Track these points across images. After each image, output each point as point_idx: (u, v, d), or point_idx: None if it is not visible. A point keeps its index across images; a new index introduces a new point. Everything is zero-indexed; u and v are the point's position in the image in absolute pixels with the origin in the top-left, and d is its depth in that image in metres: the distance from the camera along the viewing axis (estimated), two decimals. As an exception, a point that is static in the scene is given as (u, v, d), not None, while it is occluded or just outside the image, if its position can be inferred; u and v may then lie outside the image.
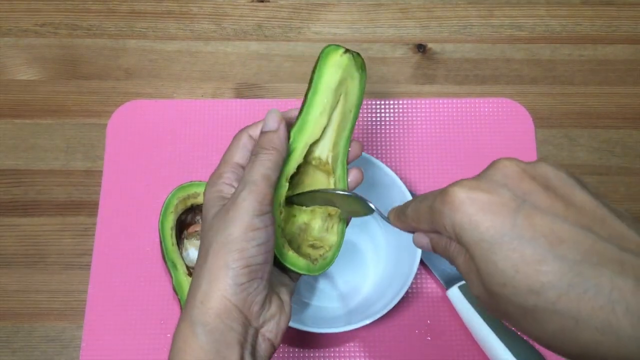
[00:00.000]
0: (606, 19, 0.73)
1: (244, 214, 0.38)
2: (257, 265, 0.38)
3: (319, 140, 0.45)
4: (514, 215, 0.29)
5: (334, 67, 0.45)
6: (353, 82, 0.46)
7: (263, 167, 0.40)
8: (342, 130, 0.46)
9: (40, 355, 0.60)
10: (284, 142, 0.42)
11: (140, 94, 0.69)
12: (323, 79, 0.45)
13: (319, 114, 0.45)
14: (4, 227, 0.64)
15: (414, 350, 0.59)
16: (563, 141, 0.67)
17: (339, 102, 0.46)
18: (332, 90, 0.45)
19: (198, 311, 0.38)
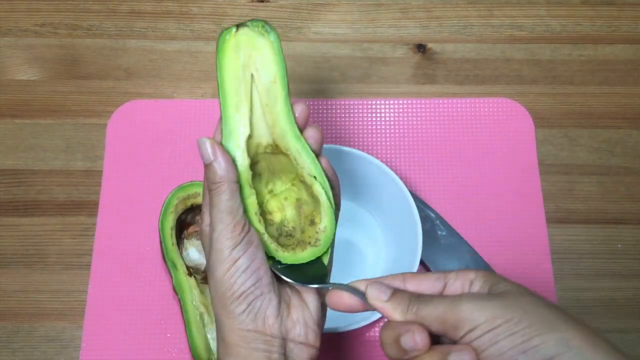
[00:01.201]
0: (606, 19, 0.73)
1: (222, 253, 0.40)
2: (250, 288, 0.40)
3: (252, 131, 0.42)
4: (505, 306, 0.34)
5: (231, 51, 0.41)
6: (262, 53, 0.42)
7: (221, 203, 0.41)
8: (273, 107, 0.42)
9: (40, 355, 0.60)
10: (226, 168, 0.41)
11: (140, 94, 0.69)
12: (223, 71, 0.42)
13: (234, 110, 0.42)
14: (4, 227, 0.64)
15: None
16: (563, 141, 0.67)
17: (253, 84, 0.42)
18: (237, 78, 0.42)
19: (222, 349, 0.40)
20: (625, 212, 0.65)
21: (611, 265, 0.63)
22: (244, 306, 0.39)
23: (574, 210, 0.65)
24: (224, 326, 0.40)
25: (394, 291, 0.38)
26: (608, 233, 0.64)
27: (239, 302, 0.39)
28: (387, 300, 0.38)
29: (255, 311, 0.40)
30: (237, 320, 0.39)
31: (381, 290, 0.38)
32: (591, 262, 0.63)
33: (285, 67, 0.42)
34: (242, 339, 0.39)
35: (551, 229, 0.64)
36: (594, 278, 0.62)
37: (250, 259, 0.40)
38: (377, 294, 0.38)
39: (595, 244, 0.63)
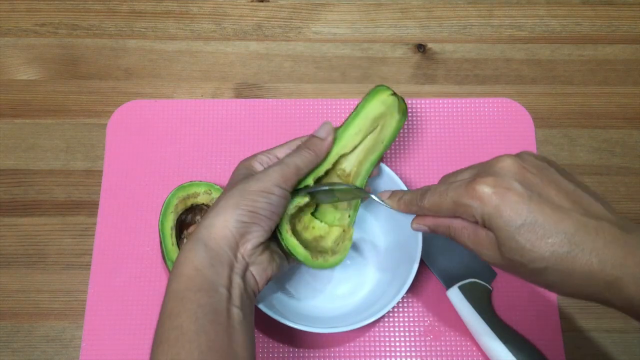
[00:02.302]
0: (606, 19, 0.73)
1: (267, 179, 0.48)
2: (262, 215, 0.47)
3: (348, 154, 0.54)
4: (528, 204, 0.40)
5: (379, 102, 0.55)
6: (391, 119, 0.55)
7: (298, 159, 0.50)
8: (370, 153, 0.54)
9: (40, 355, 0.60)
10: (325, 150, 0.52)
11: (140, 94, 0.69)
12: (366, 108, 0.54)
13: (354, 133, 0.54)
14: (4, 227, 0.64)
15: (414, 350, 0.59)
16: (563, 141, 0.67)
17: (374, 130, 0.54)
18: (371, 119, 0.54)
19: (203, 233, 0.46)
20: (625, 212, 0.64)
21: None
22: (246, 219, 0.46)
23: (574, 210, 0.65)
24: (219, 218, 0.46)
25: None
26: (608, 233, 0.64)
27: (245, 213, 0.46)
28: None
29: (247, 231, 0.47)
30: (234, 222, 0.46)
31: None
32: (591, 262, 0.63)
33: (392, 141, 0.56)
34: (223, 237, 0.46)
35: (551, 229, 0.63)
36: (594, 278, 0.62)
37: (276, 205, 0.48)
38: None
39: (595, 244, 0.63)
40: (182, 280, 0.45)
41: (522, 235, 0.40)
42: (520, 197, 0.40)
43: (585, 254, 0.39)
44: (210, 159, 0.66)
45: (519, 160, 0.43)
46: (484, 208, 0.41)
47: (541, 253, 0.40)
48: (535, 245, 0.40)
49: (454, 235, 0.46)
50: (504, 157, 0.43)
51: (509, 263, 0.42)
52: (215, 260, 0.45)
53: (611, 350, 0.60)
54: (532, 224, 0.40)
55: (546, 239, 0.39)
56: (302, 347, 0.59)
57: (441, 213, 0.46)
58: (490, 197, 0.41)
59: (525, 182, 0.41)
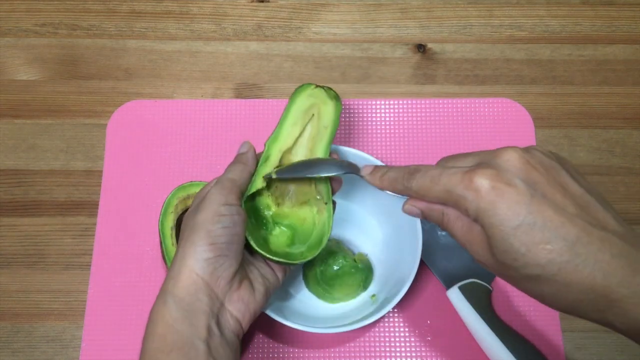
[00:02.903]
0: (606, 19, 0.73)
1: (209, 204, 0.45)
2: (223, 243, 0.44)
3: (292, 147, 0.54)
4: (528, 204, 0.36)
5: (305, 96, 0.55)
6: (326, 107, 0.55)
7: (230, 173, 0.49)
8: (318, 141, 0.54)
9: (40, 355, 0.60)
10: (250, 158, 0.51)
11: (140, 94, 0.69)
12: (295, 103, 0.55)
13: (290, 126, 0.54)
14: (4, 227, 0.64)
15: (414, 350, 0.59)
16: (563, 141, 0.67)
17: (312, 120, 0.55)
18: (302, 111, 0.55)
19: (169, 286, 0.43)
20: (625, 212, 0.64)
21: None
22: (210, 254, 0.44)
23: (574, 210, 0.65)
24: (183, 266, 0.43)
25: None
26: (608, 233, 0.64)
27: (208, 249, 0.44)
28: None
29: (216, 266, 0.44)
30: (198, 264, 0.43)
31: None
32: (591, 262, 0.63)
33: (337, 126, 0.55)
34: (193, 284, 0.43)
35: (551, 229, 0.63)
36: (594, 278, 0.62)
37: (232, 223, 0.45)
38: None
39: (595, 244, 0.63)
40: (155, 340, 0.42)
41: (517, 237, 0.36)
42: (521, 195, 0.36)
43: (587, 265, 0.35)
44: (210, 159, 0.66)
45: (526, 155, 0.38)
46: (479, 202, 0.37)
47: (537, 259, 0.35)
48: (530, 250, 0.35)
49: (447, 225, 0.41)
50: (510, 149, 0.38)
51: (501, 266, 0.38)
52: (188, 312, 0.42)
53: (611, 350, 0.60)
54: (530, 226, 0.35)
55: (544, 244, 0.35)
56: (302, 347, 0.59)
57: (428, 198, 0.41)
58: (488, 192, 0.36)
59: (529, 180, 0.37)
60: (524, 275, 0.36)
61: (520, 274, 0.37)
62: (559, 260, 0.35)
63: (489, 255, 0.38)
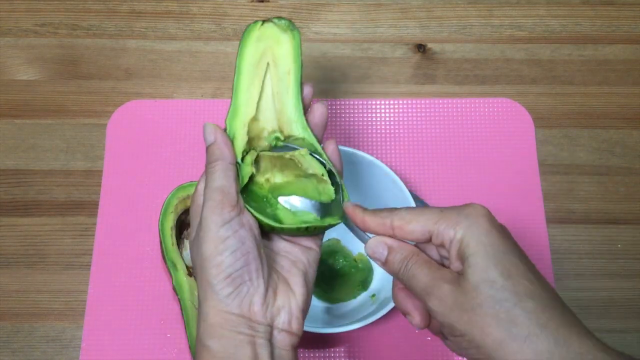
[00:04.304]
0: (606, 19, 0.73)
1: (210, 230, 0.40)
2: (238, 271, 0.39)
3: (258, 114, 0.45)
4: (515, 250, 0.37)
5: (252, 42, 0.45)
6: (281, 46, 0.46)
7: (213, 181, 0.42)
8: (283, 95, 0.45)
9: (40, 355, 0.60)
10: (223, 149, 0.43)
11: (140, 94, 0.69)
12: (242, 59, 0.45)
13: (245, 92, 0.45)
14: (4, 227, 0.64)
15: (414, 350, 0.59)
16: (563, 141, 0.67)
17: (268, 70, 0.45)
18: (253, 66, 0.45)
19: (204, 329, 0.40)
20: (625, 212, 0.65)
21: (611, 265, 0.63)
22: (230, 289, 0.39)
23: (574, 210, 0.65)
24: (208, 307, 0.40)
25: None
26: (608, 233, 0.64)
27: (226, 284, 0.39)
28: None
29: (242, 296, 0.39)
30: (222, 302, 0.39)
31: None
32: (591, 262, 0.63)
33: (301, 63, 0.46)
34: (226, 322, 0.39)
35: (551, 229, 0.64)
36: (594, 278, 0.62)
37: (240, 242, 0.40)
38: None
39: (595, 244, 0.63)
40: None
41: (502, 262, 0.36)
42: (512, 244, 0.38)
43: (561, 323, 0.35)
44: (210, 159, 0.66)
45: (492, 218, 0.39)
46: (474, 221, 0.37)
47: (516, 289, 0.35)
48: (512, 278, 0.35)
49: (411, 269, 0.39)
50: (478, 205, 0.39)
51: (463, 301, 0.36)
52: (231, 348, 0.39)
53: (611, 350, 0.60)
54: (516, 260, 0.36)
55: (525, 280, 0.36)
56: (302, 347, 0.59)
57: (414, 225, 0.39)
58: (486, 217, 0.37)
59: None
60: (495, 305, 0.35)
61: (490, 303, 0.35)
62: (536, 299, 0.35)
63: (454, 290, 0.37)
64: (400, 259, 0.40)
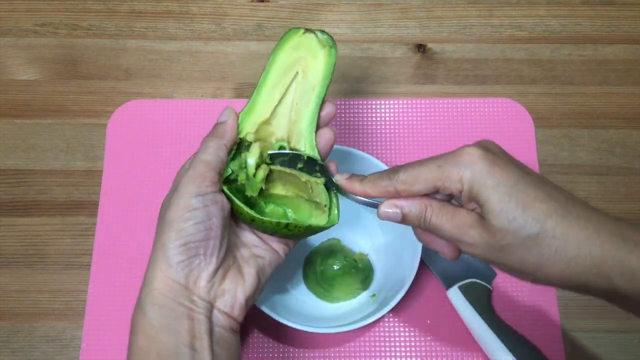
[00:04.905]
0: (606, 19, 0.73)
1: (182, 196, 0.40)
2: (196, 242, 0.40)
3: (271, 119, 0.46)
4: (517, 171, 0.38)
5: (290, 48, 0.46)
6: (315, 60, 0.45)
7: (203, 153, 0.42)
8: (303, 107, 0.45)
9: (40, 355, 0.60)
10: (227, 130, 0.44)
11: (140, 94, 0.69)
12: (273, 61, 0.46)
13: (268, 93, 0.45)
14: (4, 227, 0.64)
15: (414, 350, 0.59)
16: (563, 141, 0.67)
17: (295, 79, 0.46)
18: (284, 69, 0.45)
19: (145, 294, 0.40)
20: (625, 212, 0.65)
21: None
22: (183, 257, 0.39)
23: (574, 210, 0.65)
24: (155, 270, 0.40)
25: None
26: (608, 233, 0.64)
27: (180, 250, 0.39)
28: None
29: (191, 267, 0.40)
30: (172, 268, 0.39)
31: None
32: (591, 262, 0.63)
33: (329, 82, 0.45)
34: (169, 289, 0.39)
35: (551, 229, 0.63)
36: (594, 278, 0.62)
37: (207, 216, 0.40)
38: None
39: (595, 244, 0.63)
40: (138, 353, 0.39)
41: (514, 196, 0.37)
42: (507, 164, 0.39)
43: (580, 221, 0.37)
44: (210, 159, 0.66)
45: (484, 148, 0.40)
46: (474, 168, 0.38)
47: (534, 215, 0.37)
48: (528, 207, 0.37)
49: (431, 220, 0.40)
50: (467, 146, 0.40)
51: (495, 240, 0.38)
52: (169, 319, 0.39)
53: (611, 350, 0.60)
54: (524, 186, 0.37)
55: (539, 202, 0.37)
56: (302, 347, 0.59)
57: (418, 187, 0.40)
58: (481, 157, 0.38)
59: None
60: (522, 238, 0.37)
61: (519, 237, 0.37)
62: (555, 215, 0.37)
63: (481, 233, 0.38)
64: (416, 214, 0.41)
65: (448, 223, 0.40)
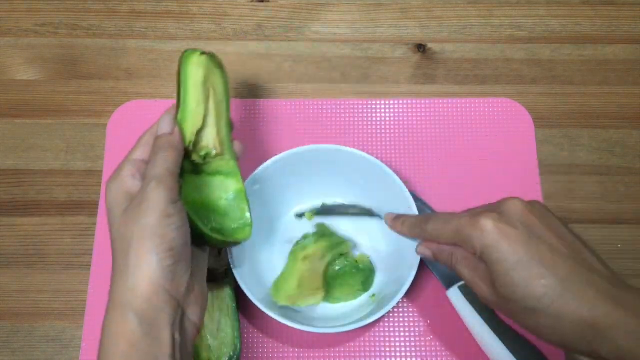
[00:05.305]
0: (606, 19, 0.73)
1: (157, 203, 0.41)
2: (179, 247, 0.41)
3: (203, 128, 0.50)
4: (527, 244, 0.41)
5: (196, 66, 0.50)
6: (216, 77, 0.51)
7: (166, 163, 0.44)
8: (220, 118, 0.51)
9: (40, 355, 0.60)
10: (180, 142, 0.47)
11: (140, 94, 0.69)
12: (190, 76, 0.50)
13: (195, 105, 0.50)
14: (4, 227, 0.64)
15: (414, 350, 0.59)
16: (563, 141, 0.67)
17: (210, 95, 0.51)
18: (201, 85, 0.50)
19: (128, 298, 0.40)
20: (625, 212, 0.65)
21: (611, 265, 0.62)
22: (170, 261, 0.40)
23: (574, 210, 0.65)
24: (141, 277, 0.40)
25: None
26: (608, 233, 0.64)
27: (168, 255, 0.40)
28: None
29: (175, 272, 0.40)
30: (158, 272, 0.40)
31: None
32: (591, 262, 0.63)
33: (228, 96, 0.52)
34: (156, 296, 0.39)
35: (551, 229, 0.63)
36: (594, 278, 0.62)
37: (183, 223, 0.42)
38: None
39: (595, 244, 0.63)
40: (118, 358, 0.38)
41: (517, 272, 0.41)
42: (520, 235, 0.42)
43: (575, 301, 0.40)
44: (210, 159, 0.66)
45: (527, 205, 0.44)
46: (484, 240, 0.43)
47: (534, 292, 0.40)
48: (529, 284, 0.41)
49: (455, 264, 0.47)
50: (513, 198, 0.45)
51: (502, 301, 0.43)
52: (152, 327, 0.39)
53: (611, 350, 0.60)
54: (529, 262, 0.41)
55: (539, 279, 0.40)
56: (302, 347, 0.59)
57: (441, 239, 0.47)
58: (492, 231, 0.42)
59: (527, 224, 0.43)
60: (522, 307, 0.41)
61: (519, 306, 0.41)
62: (551, 294, 0.40)
63: (492, 290, 0.44)
64: (445, 257, 0.48)
65: (467, 273, 0.46)
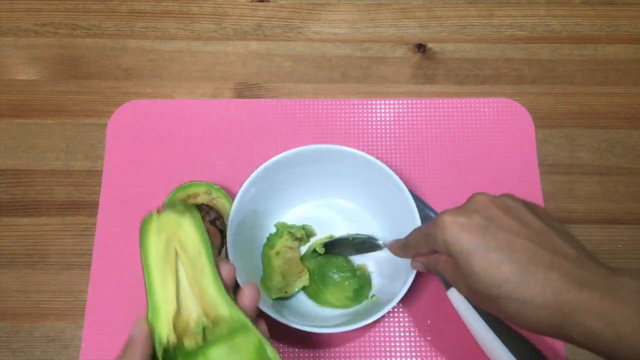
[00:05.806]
0: (606, 19, 0.73)
1: None
2: None
3: (180, 308, 0.43)
4: (483, 233, 0.42)
5: (154, 234, 0.45)
6: (183, 230, 0.44)
7: None
8: (200, 277, 0.43)
9: (40, 355, 0.60)
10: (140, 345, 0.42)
11: (140, 94, 0.69)
12: (148, 253, 0.44)
13: (161, 287, 0.43)
14: (4, 227, 0.64)
15: (414, 350, 0.59)
16: (563, 141, 0.67)
17: (178, 259, 0.44)
18: (162, 258, 0.44)
19: None
20: (625, 212, 0.65)
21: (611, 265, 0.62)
22: None
23: (574, 210, 0.65)
24: None
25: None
26: (608, 233, 0.64)
27: None
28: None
29: None
30: None
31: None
32: (591, 262, 0.63)
33: (208, 240, 0.44)
34: None
35: (551, 229, 0.63)
36: (594, 278, 0.62)
37: None
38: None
39: (595, 244, 0.63)
40: None
41: (476, 261, 0.41)
42: (476, 226, 0.42)
43: (537, 285, 0.39)
44: (210, 159, 0.66)
45: (492, 198, 0.44)
46: (444, 235, 0.43)
47: (494, 279, 0.40)
48: (487, 272, 0.41)
49: (440, 270, 0.47)
50: (480, 193, 0.45)
51: (472, 292, 0.43)
52: None
53: (611, 350, 0.60)
54: (486, 251, 0.41)
55: (499, 266, 0.40)
56: (302, 347, 0.59)
57: (422, 249, 0.48)
58: (449, 225, 0.43)
59: (486, 214, 0.43)
60: (487, 296, 0.41)
61: (485, 295, 0.41)
62: (512, 279, 0.40)
63: (465, 285, 0.44)
64: (430, 267, 0.49)
65: (448, 275, 0.46)
